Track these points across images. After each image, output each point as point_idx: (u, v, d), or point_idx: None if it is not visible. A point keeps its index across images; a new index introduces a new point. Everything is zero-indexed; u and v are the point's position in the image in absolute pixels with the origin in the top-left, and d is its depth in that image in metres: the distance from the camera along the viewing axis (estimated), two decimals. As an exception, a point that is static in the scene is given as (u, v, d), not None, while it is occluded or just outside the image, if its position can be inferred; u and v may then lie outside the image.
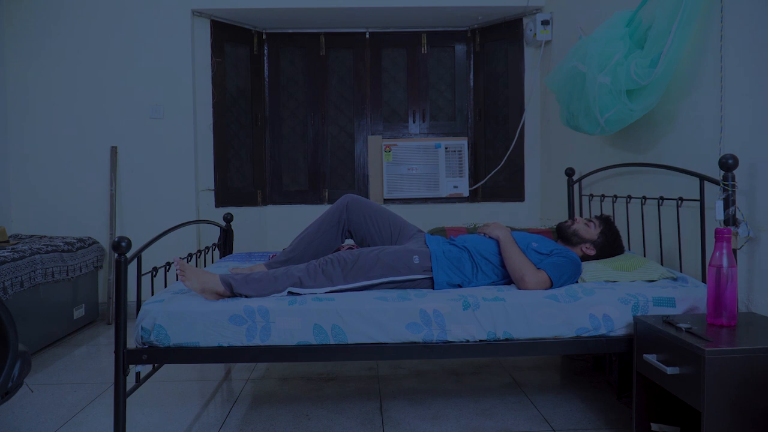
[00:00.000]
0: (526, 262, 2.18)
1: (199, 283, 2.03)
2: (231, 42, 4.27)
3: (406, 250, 2.23)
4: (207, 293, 2.03)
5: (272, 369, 2.89)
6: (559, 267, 2.17)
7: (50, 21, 3.92)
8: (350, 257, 2.15)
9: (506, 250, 2.25)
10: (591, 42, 2.62)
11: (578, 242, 2.43)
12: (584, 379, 2.69)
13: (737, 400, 1.58)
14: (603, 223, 2.47)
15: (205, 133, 4.12)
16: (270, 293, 2.05)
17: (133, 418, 2.27)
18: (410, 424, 2.22)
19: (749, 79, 2.09)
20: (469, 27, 4.49)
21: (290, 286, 2.07)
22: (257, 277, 2.08)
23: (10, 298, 2.86)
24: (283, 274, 2.10)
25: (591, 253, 2.42)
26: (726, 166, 2.03)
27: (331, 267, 2.12)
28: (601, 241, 2.43)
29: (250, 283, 2.06)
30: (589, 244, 2.43)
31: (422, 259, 2.20)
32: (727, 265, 1.79)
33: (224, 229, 3.22)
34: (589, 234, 2.43)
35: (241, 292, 2.04)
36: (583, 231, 2.44)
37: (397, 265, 2.17)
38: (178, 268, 2.03)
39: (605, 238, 2.44)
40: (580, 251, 2.44)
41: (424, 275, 2.19)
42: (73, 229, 3.93)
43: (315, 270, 2.12)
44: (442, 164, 4.38)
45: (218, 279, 2.05)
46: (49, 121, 3.95)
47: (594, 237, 2.43)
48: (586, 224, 2.45)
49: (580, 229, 2.44)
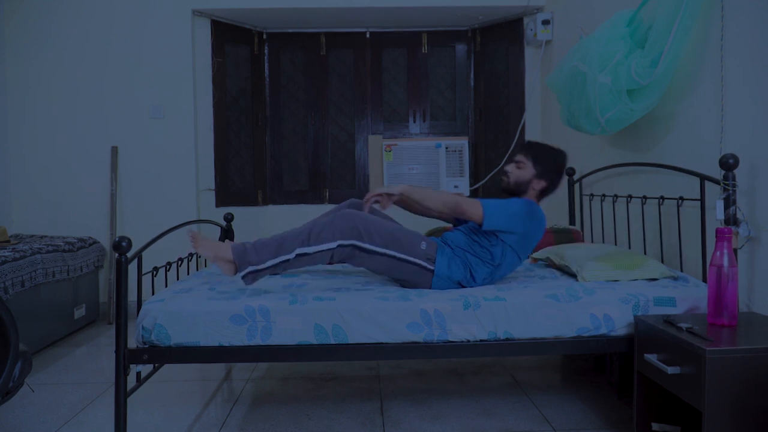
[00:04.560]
0: (450, 193, 2.18)
1: (211, 250, 2.08)
2: (231, 42, 4.27)
3: (418, 234, 2.26)
4: (219, 261, 2.07)
5: (273, 369, 2.89)
6: (494, 202, 2.17)
7: (50, 21, 3.92)
8: (367, 218, 2.16)
9: (421, 195, 2.23)
10: (592, 42, 2.62)
11: (526, 187, 2.35)
12: (585, 378, 2.69)
13: (738, 400, 1.58)
14: (530, 153, 2.35)
15: (206, 133, 4.12)
16: (278, 257, 2.06)
17: (133, 418, 2.27)
18: (411, 423, 2.22)
19: (750, 78, 2.09)
20: (470, 27, 4.49)
21: (298, 246, 2.08)
22: (265, 242, 2.10)
23: (11, 298, 2.87)
24: (291, 235, 2.11)
25: (543, 185, 2.34)
26: (727, 166, 2.03)
27: (344, 221, 2.12)
28: (542, 169, 2.33)
29: (259, 250, 2.07)
30: (534, 180, 2.34)
31: (428, 247, 2.21)
32: (728, 264, 1.79)
33: (225, 229, 3.22)
34: (527, 173, 2.34)
35: (249, 260, 2.04)
36: (522, 175, 2.35)
37: (405, 243, 2.18)
38: (191, 237, 2.08)
39: (543, 164, 2.33)
40: (534, 192, 2.35)
41: (426, 263, 2.19)
42: (74, 229, 3.93)
43: (324, 224, 2.12)
44: (443, 164, 4.38)
45: (229, 246, 2.08)
46: (49, 121, 3.95)
47: (534, 171, 2.33)
48: (519, 167, 2.36)
49: (518, 176, 2.35)
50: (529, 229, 2.23)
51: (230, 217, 3.24)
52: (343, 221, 2.13)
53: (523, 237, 2.23)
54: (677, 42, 2.29)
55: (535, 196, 2.37)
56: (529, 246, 2.29)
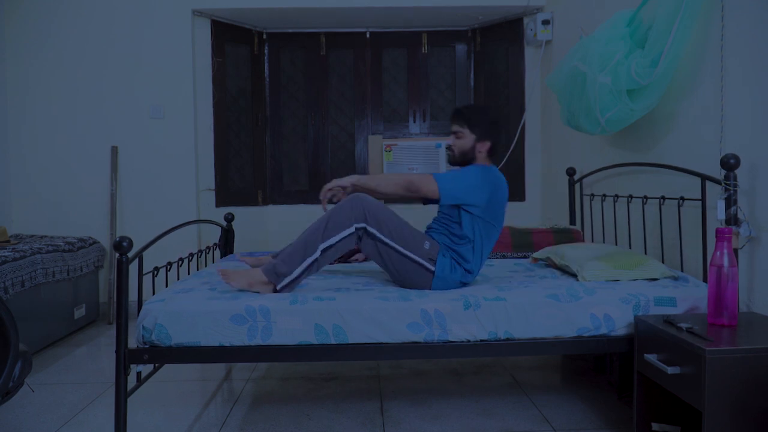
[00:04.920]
0: (400, 174, 2.18)
1: (245, 279, 2.10)
2: (231, 42, 4.27)
3: (421, 233, 2.26)
4: (255, 286, 2.09)
5: (273, 369, 2.89)
6: (448, 175, 2.18)
7: (50, 21, 3.92)
8: (375, 204, 2.17)
9: (374, 183, 2.24)
10: (592, 42, 2.62)
11: (473, 154, 2.33)
12: (585, 378, 2.69)
13: (738, 400, 1.58)
14: (463, 119, 2.32)
15: (206, 133, 4.12)
16: (305, 260, 2.09)
17: (133, 418, 2.27)
18: (411, 423, 2.22)
19: (750, 78, 2.09)
20: (470, 27, 4.49)
21: (320, 242, 2.10)
22: (289, 251, 2.11)
23: (11, 298, 2.87)
24: (310, 233, 2.12)
25: (488, 145, 2.32)
26: (728, 166, 2.03)
27: (351, 203, 2.15)
28: (480, 131, 2.30)
29: (286, 260, 2.09)
30: (477, 144, 2.31)
31: (431, 248, 2.21)
32: (728, 264, 1.79)
33: (225, 229, 3.22)
34: (468, 140, 2.31)
35: (281, 273, 2.08)
36: (464, 144, 2.32)
37: (409, 239, 2.18)
38: (222, 274, 2.10)
39: (479, 125, 2.30)
40: (482, 155, 2.33)
41: (428, 264, 2.19)
42: (74, 229, 3.93)
43: (333, 212, 2.14)
44: (443, 164, 4.37)
45: (259, 270, 2.11)
46: (50, 121, 3.95)
47: (473, 136, 2.31)
48: (458, 137, 2.33)
49: (461, 146, 2.33)
50: (492, 193, 2.21)
51: (230, 217, 3.24)
52: (350, 203, 2.16)
53: (488, 204, 2.22)
54: (677, 42, 2.29)
55: (485, 159, 2.35)
56: (498, 211, 2.27)
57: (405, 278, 2.22)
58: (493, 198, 2.23)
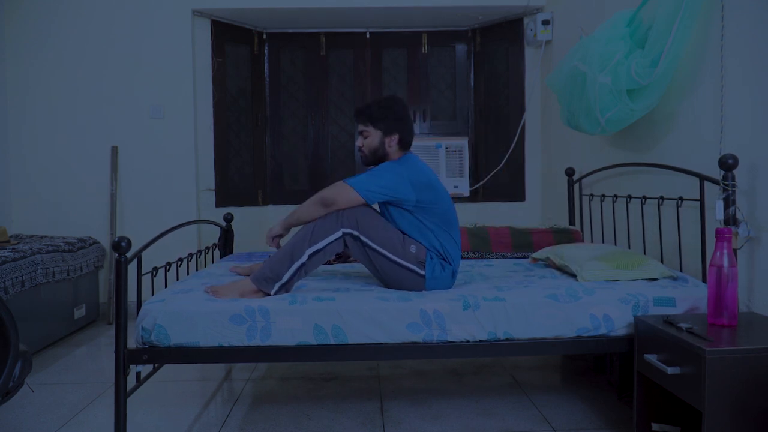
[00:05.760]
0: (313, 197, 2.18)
1: (236, 291, 2.10)
2: (231, 42, 4.27)
3: (409, 237, 2.21)
4: (247, 296, 2.09)
5: (273, 369, 2.89)
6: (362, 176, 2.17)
7: (50, 21, 3.92)
8: (365, 211, 2.16)
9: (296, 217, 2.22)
10: (592, 42, 2.62)
11: (383, 150, 2.28)
12: (585, 379, 2.69)
13: (738, 400, 1.58)
14: (365, 118, 2.28)
15: (206, 133, 4.12)
16: (293, 264, 2.09)
17: (133, 418, 2.27)
18: (411, 423, 2.22)
19: (750, 78, 2.09)
20: (470, 27, 4.49)
21: (307, 247, 2.10)
22: (278, 257, 2.11)
23: (11, 298, 2.87)
24: (298, 239, 2.13)
25: (397, 137, 2.27)
26: (726, 166, 2.03)
27: (349, 211, 2.15)
28: (385, 125, 2.26)
29: (274, 266, 2.10)
30: (385, 139, 2.26)
31: (418, 251, 2.17)
32: (728, 264, 1.79)
33: (225, 229, 3.22)
34: (375, 138, 2.27)
35: (270, 278, 2.09)
36: (371, 142, 2.27)
37: (396, 244, 2.16)
38: (210, 292, 2.09)
39: (382, 120, 2.26)
40: (393, 149, 2.28)
41: (417, 268, 2.16)
42: (74, 229, 3.93)
43: (323, 217, 2.14)
44: (443, 164, 4.37)
45: (248, 279, 2.12)
46: (49, 121, 3.95)
47: (379, 132, 2.26)
48: (365, 136, 2.29)
49: (370, 145, 2.28)
50: (414, 181, 2.17)
51: (230, 217, 3.24)
52: (348, 218, 2.15)
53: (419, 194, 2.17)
54: (677, 42, 2.29)
55: (398, 152, 2.30)
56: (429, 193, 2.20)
57: (396, 284, 2.19)
58: (417, 183, 2.17)
